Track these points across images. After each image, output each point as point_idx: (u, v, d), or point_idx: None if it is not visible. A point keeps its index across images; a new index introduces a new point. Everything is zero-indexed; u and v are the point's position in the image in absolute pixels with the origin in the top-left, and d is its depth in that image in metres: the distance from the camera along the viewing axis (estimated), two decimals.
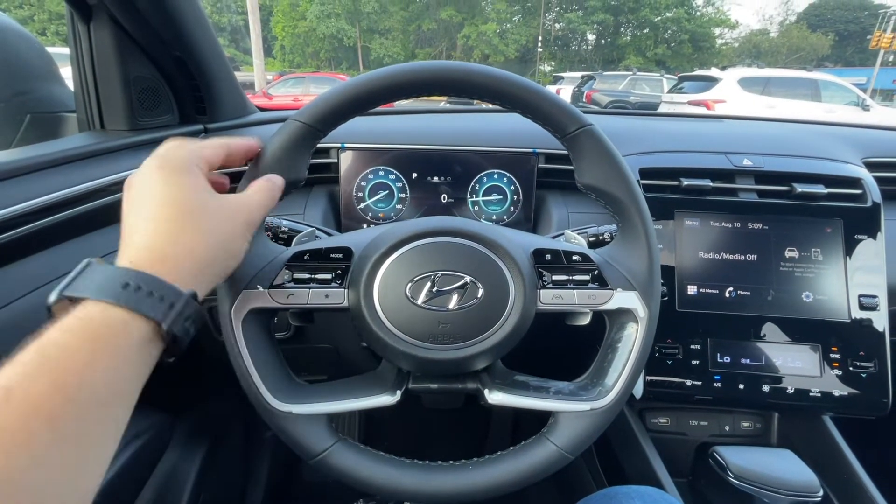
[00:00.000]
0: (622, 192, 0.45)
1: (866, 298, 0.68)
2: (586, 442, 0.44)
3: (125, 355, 0.26)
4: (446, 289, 0.43)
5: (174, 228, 0.31)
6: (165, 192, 0.32)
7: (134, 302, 0.27)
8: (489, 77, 0.42)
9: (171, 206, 0.32)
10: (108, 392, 0.25)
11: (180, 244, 0.31)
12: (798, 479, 0.60)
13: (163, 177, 0.33)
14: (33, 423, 0.22)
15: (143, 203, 0.32)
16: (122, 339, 0.26)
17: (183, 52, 0.71)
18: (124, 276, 0.27)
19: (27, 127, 0.72)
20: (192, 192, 0.33)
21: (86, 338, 0.25)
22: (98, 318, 0.26)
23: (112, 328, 0.26)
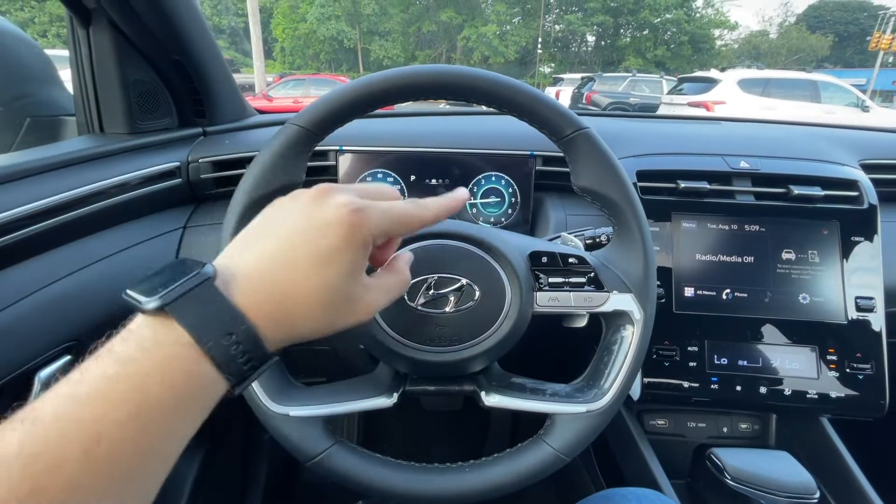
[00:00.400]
0: (618, 195, 0.45)
1: (863, 300, 0.68)
2: (582, 444, 0.44)
3: (202, 411, 0.25)
4: (443, 291, 0.43)
5: (311, 286, 0.27)
6: (336, 248, 0.27)
7: (227, 362, 0.24)
8: (485, 81, 0.43)
9: (326, 260, 0.27)
10: (177, 444, 0.24)
11: (304, 314, 0.27)
12: (795, 481, 0.60)
13: (345, 233, 0.27)
14: (115, 475, 0.20)
15: (308, 238, 0.27)
16: (201, 401, 0.24)
17: (182, 55, 0.72)
18: (232, 323, 0.24)
19: (27, 130, 0.72)
20: (357, 265, 0.29)
21: (178, 385, 0.23)
22: (191, 367, 0.23)
23: (202, 383, 0.24)
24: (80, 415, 0.20)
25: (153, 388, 0.22)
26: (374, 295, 0.31)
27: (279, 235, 0.27)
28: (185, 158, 0.74)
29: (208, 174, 0.75)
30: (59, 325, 0.53)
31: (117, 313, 0.60)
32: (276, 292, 0.26)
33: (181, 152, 0.74)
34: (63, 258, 0.56)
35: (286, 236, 0.27)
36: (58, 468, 0.19)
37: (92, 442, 0.20)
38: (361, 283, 0.30)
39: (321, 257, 0.27)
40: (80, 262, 0.57)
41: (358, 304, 0.30)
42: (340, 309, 0.28)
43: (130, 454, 0.21)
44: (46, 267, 0.54)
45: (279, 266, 0.26)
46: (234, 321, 0.24)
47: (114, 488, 0.20)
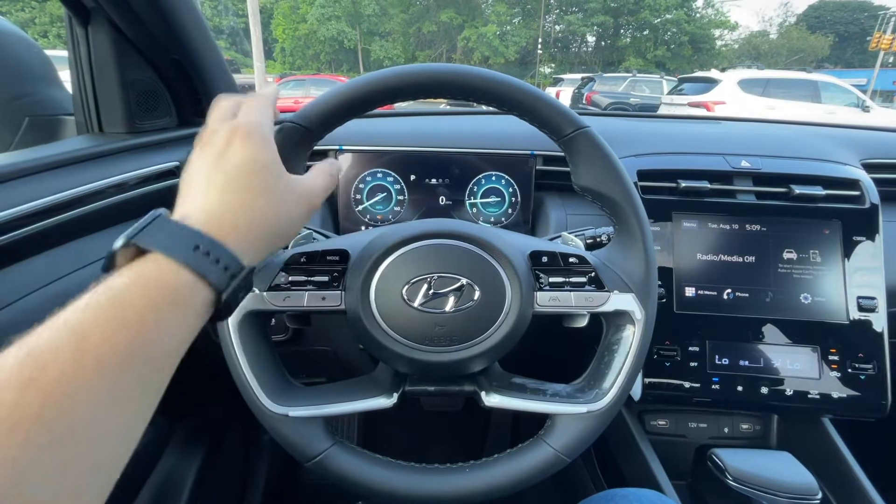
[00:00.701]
0: (618, 195, 0.45)
1: (865, 300, 0.68)
2: (583, 444, 0.44)
3: (186, 318, 0.27)
4: (443, 291, 0.43)
5: (250, 200, 0.31)
6: (247, 161, 0.32)
7: (203, 267, 0.27)
8: (485, 80, 0.42)
9: (250, 177, 0.32)
10: (165, 352, 0.26)
11: (252, 219, 0.31)
12: (797, 482, 0.59)
13: (246, 145, 0.32)
14: (105, 372, 0.22)
15: (220, 166, 0.32)
16: (187, 303, 0.27)
17: (181, 54, 0.71)
18: (195, 238, 0.28)
19: (25, 130, 0.72)
20: (272, 167, 0.33)
21: (157, 295, 0.25)
22: (169, 277, 0.26)
23: (180, 291, 0.26)
24: (69, 322, 0.22)
25: (136, 299, 0.24)
26: (309, 183, 0.37)
27: (205, 176, 0.32)
28: (185, 158, 0.74)
29: None
30: None
31: None
32: (227, 212, 0.30)
33: (180, 152, 0.74)
34: (63, 257, 0.55)
35: (209, 175, 0.31)
36: (51, 363, 0.21)
37: (80, 341, 0.22)
38: (289, 176, 0.35)
39: (242, 173, 0.32)
40: (80, 261, 0.57)
41: (298, 195, 0.35)
42: (285, 202, 0.33)
43: (118, 354, 0.23)
44: (46, 266, 0.53)
45: (219, 195, 0.31)
46: (196, 236, 0.28)
47: (103, 385, 0.22)
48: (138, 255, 0.27)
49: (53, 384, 0.20)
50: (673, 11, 27.89)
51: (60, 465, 0.20)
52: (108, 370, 0.22)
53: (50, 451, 0.20)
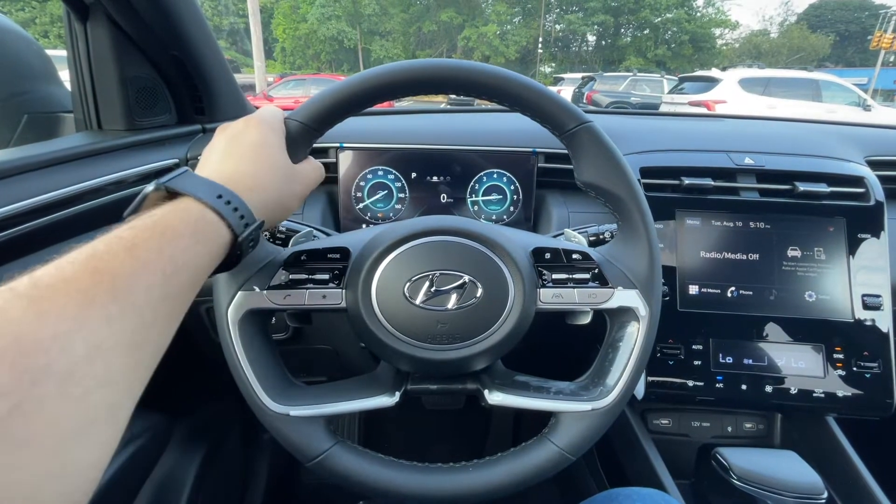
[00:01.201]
0: (622, 190, 0.44)
1: (870, 298, 0.68)
2: (588, 443, 0.43)
3: (211, 252, 0.32)
4: (445, 288, 0.42)
5: (259, 171, 0.37)
6: (259, 141, 0.38)
7: (225, 212, 0.32)
8: (487, 74, 0.42)
9: (260, 154, 0.38)
10: (198, 272, 0.30)
11: (260, 185, 0.37)
12: (802, 481, 0.59)
13: (259, 129, 0.39)
14: (152, 280, 0.26)
15: (237, 143, 0.38)
16: (213, 238, 0.32)
17: (180, 51, 0.71)
18: (219, 189, 0.33)
19: (24, 127, 0.72)
20: (278, 149, 0.40)
21: (189, 224, 0.30)
22: (199, 215, 0.31)
23: (208, 227, 0.31)
24: (120, 234, 0.27)
25: (176, 224, 0.29)
26: (306, 169, 0.43)
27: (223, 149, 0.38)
28: (184, 156, 0.74)
29: None
30: None
31: None
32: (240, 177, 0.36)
33: (180, 149, 0.74)
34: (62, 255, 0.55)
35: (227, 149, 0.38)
36: (109, 259, 0.25)
37: (130, 248, 0.26)
38: (291, 163, 0.41)
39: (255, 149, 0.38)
40: None
41: (297, 176, 0.41)
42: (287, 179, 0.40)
43: (162, 261, 0.27)
44: None
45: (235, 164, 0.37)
46: (220, 188, 0.33)
47: (153, 281, 0.26)
48: (168, 200, 0.32)
49: (112, 275, 0.25)
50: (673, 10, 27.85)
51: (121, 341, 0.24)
52: (153, 271, 0.26)
53: (111, 326, 0.24)
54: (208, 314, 0.71)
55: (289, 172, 0.40)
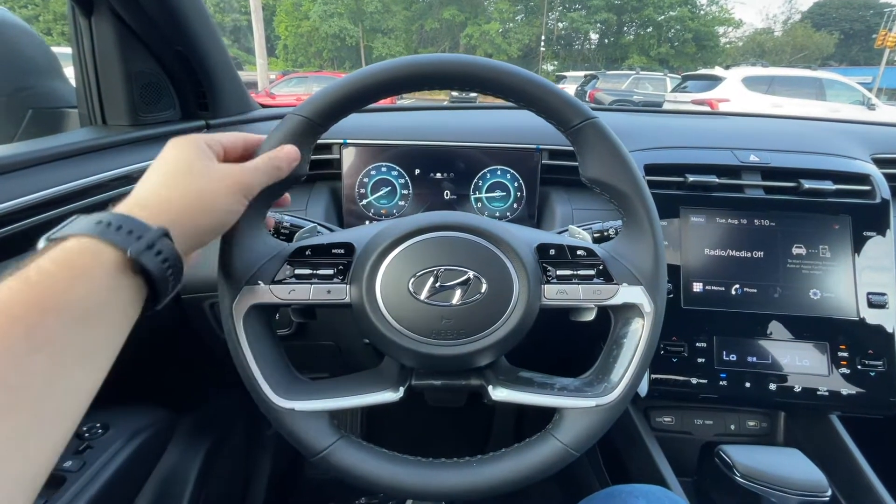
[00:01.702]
0: (627, 186, 0.44)
1: (875, 296, 0.67)
2: (592, 439, 0.43)
3: (99, 280, 0.29)
4: (449, 284, 0.42)
5: (158, 182, 0.36)
6: (166, 159, 0.37)
7: (104, 234, 0.30)
8: (492, 70, 0.42)
9: (162, 167, 0.36)
10: (85, 311, 0.28)
11: (160, 195, 0.35)
12: (806, 479, 0.59)
13: (172, 148, 0.38)
14: (12, 332, 0.24)
15: (152, 168, 0.37)
16: (95, 265, 0.29)
17: (185, 47, 0.71)
18: (101, 217, 0.31)
19: (29, 121, 0.72)
20: (184, 156, 0.37)
21: (63, 264, 0.28)
22: (74, 249, 0.29)
23: (85, 255, 0.29)
24: None
25: (42, 264, 0.27)
26: (243, 170, 0.39)
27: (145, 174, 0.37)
28: None
29: None
30: None
31: None
32: (141, 196, 0.34)
33: None
34: None
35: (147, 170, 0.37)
36: None
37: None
38: (219, 165, 0.38)
39: (165, 165, 0.37)
40: None
41: (225, 177, 0.38)
42: (207, 183, 0.37)
43: (28, 308, 0.25)
44: None
45: (142, 185, 0.36)
46: (102, 216, 0.31)
47: (18, 332, 0.24)
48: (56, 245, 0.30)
49: None
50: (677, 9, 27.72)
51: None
52: (13, 332, 0.24)
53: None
54: (212, 310, 0.72)
55: (202, 173, 0.37)
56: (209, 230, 0.37)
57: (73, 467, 0.53)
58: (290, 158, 0.42)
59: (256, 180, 0.40)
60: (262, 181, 0.40)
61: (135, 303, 0.32)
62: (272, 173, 0.41)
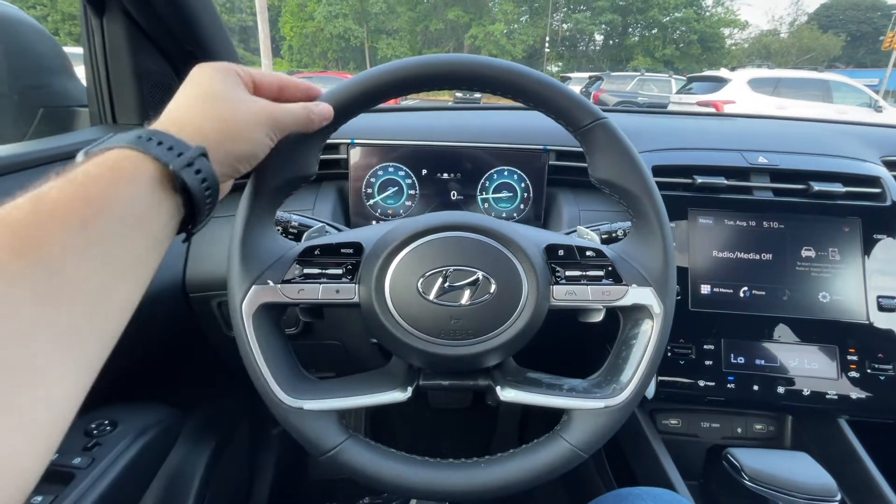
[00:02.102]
0: (637, 187, 0.44)
1: (885, 299, 0.67)
2: (601, 440, 0.43)
3: (141, 187, 0.29)
4: (458, 284, 0.42)
5: (188, 104, 0.36)
6: (196, 83, 0.37)
7: (146, 146, 0.30)
8: (502, 70, 0.42)
9: (190, 90, 0.36)
10: (130, 214, 0.28)
11: (193, 118, 0.35)
12: (815, 483, 0.58)
13: (201, 73, 0.38)
14: (69, 224, 0.25)
15: (181, 91, 0.37)
16: (138, 174, 0.29)
17: (194, 46, 0.71)
18: (140, 132, 0.31)
19: (40, 120, 0.73)
20: (219, 85, 0.37)
21: (106, 167, 0.28)
22: (116, 157, 0.29)
23: (128, 163, 0.29)
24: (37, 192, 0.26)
25: (88, 168, 0.28)
26: (277, 107, 0.39)
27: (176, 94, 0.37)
28: None
29: None
30: None
31: None
32: (176, 114, 0.35)
33: None
34: None
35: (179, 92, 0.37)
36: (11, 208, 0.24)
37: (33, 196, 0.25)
38: (240, 92, 0.38)
39: (197, 88, 0.36)
40: None
41: (256, 108, 0.38)
42: (238, 110, 0.36)
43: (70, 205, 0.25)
44: None
45: (174, 105, 0.36)
46: (139, 131, 0.31)
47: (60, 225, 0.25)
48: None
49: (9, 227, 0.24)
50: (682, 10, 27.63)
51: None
52: (63, 217, 0.25)
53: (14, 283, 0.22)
54: (220, 309, 0.72)
55: (234, 103, 0.37)
56: (241, 157, 0.37)
57: (83, 464, 0.53)
58: (324, 115, 0.41)
59: (287, 120, 0.39)
60: (292, 124, 0.40)
61: (174, 219, 0.32)
62: (303, 122, 0.40)
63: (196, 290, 0.69)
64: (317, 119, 0.41)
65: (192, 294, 0.70)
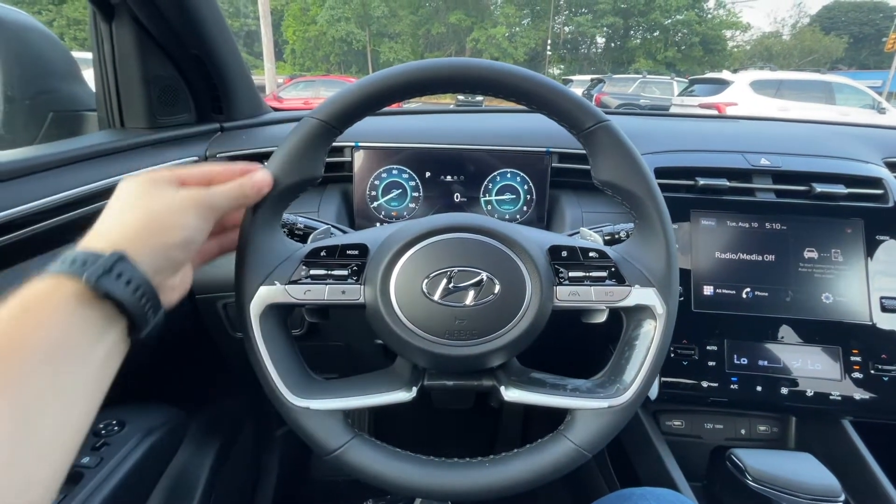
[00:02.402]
0: (640, 189, 0.44)
1: (888, 300, 0.67)
2: (604, 440, 0.43)
3: (61, 315, 0.29)
4: (463, 285, 0.42)
5: (113, 212, 0.36)
6: (117, 196, 0.37)
7: (61, 269, 0.30)
8: (505, 73, 0.42)
9: (115, 201, 0.36)
10: (44, 346, 0.27)
11: (114, 222, 0.35)
12: (819, 484, 0.58)
13: (124, 185, 0.37)
14: None
15: (106, 207, 0.36)
16: (50, 298, 0.29)
17: (201, 51, 0.72)
18: (64, 255, 0.31)
19: (50, 124, 0.74)
20: (141, 189, 0.37)
21: (18, 302, 0.28)
22: (37, 289, 0.29)
23: (40, 290, 0.29)
24: None
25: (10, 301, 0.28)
26: (209, 192, 0.39)
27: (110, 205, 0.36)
28: (203, 153, 0.75)
29: None
30: None
31: None
32: (94, 228, 0.34)
33: (199, 147, 0.75)
34: None
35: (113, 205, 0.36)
36: None
37: None
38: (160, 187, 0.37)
39: (118, 198, 0.36)
40: None
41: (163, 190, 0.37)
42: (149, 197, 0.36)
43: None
44: None
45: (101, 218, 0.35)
46: (62, 256, 0.31)
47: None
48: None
49: None
50: (684, 12, 27.65)
51: None
52: None
53: None
54: (226, 310, 0.73)
55: (153, 194, 0.37)
56: (174, 245, 0.36)
57: (91, 463, 0.54)
58: (258, 186, 0.41)
59: (218, 199, 0.39)
60: (225, 202, 0.39)
61: (108, 334, 0.31)
62: (236, 196, 0.40)
63: (202, 291, 0.70)
64: (251, 192, 0.41)
65: (198, 295, 0.70)
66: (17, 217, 0.48)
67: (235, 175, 0.41)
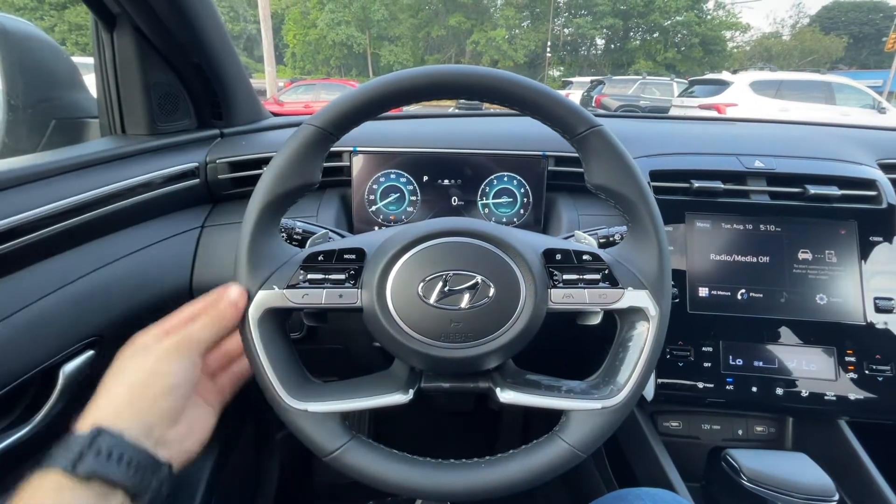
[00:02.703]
0: (632, 192, 0.45)
1: (882, 301, 0.67)
2: (598, 440, 0.44)
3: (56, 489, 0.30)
4: (458, 288, 0.43)
5: (104, 390, 0.36)
6: (110, 373, 0.38)
7: (48, 463, 0.31)
8: (498, 79, 0.43)
9: (111, 381, 0.37)
10: None
11: (102, 399, 0.36)
12: (814, 483, 0.59)
13: (117, 361, 0.39)
14: None
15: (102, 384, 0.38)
16: (38, 497, 0.30)
17: (201, 59, 0.73)
18: (58, 448, 0.32)
19: (52, 132, 0.75)
20: (120, 359, 0.38)
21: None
22: (27, 487, 0.31)
23: (33, 489, 0.30)
24: None
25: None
26: (187, 335, 0.41)
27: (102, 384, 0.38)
28: (204, 159, 0.76)
29: (226, 175, 0.76)
30: (82, 320, 0.54)
31: (138, 309, 0.61)
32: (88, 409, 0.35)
33: (199, 153, 0.76)
34: (86, 256, 0.57)
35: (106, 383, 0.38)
36: None
37: None
38: (153, 344, 0.39)
39: (116, 368, 0.38)
40: (103, 259, 0.59)
41: (166, 350, 0.39)
42: (145, 361, 0.38)
43: None
44: (70, 264, 0.55)
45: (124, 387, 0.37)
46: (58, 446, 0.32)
47: None
48: None
49: None
50: (683, 13, 27.68)
51: None
52: None
53: None
54: None
55: (137, 356, 0.38)
56: (159, 396, 0.37)
57: None
58: (233, 305, 0.42)
59: (198, 334, 0.40)
60: (207, 334, 0.41)
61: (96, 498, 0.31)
62: (218, 324, 0.41)
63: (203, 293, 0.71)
64: (228, 312, 0.41)
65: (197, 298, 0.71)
66: (21, 224, 0.49)
67: (211, 302, 0.42)
